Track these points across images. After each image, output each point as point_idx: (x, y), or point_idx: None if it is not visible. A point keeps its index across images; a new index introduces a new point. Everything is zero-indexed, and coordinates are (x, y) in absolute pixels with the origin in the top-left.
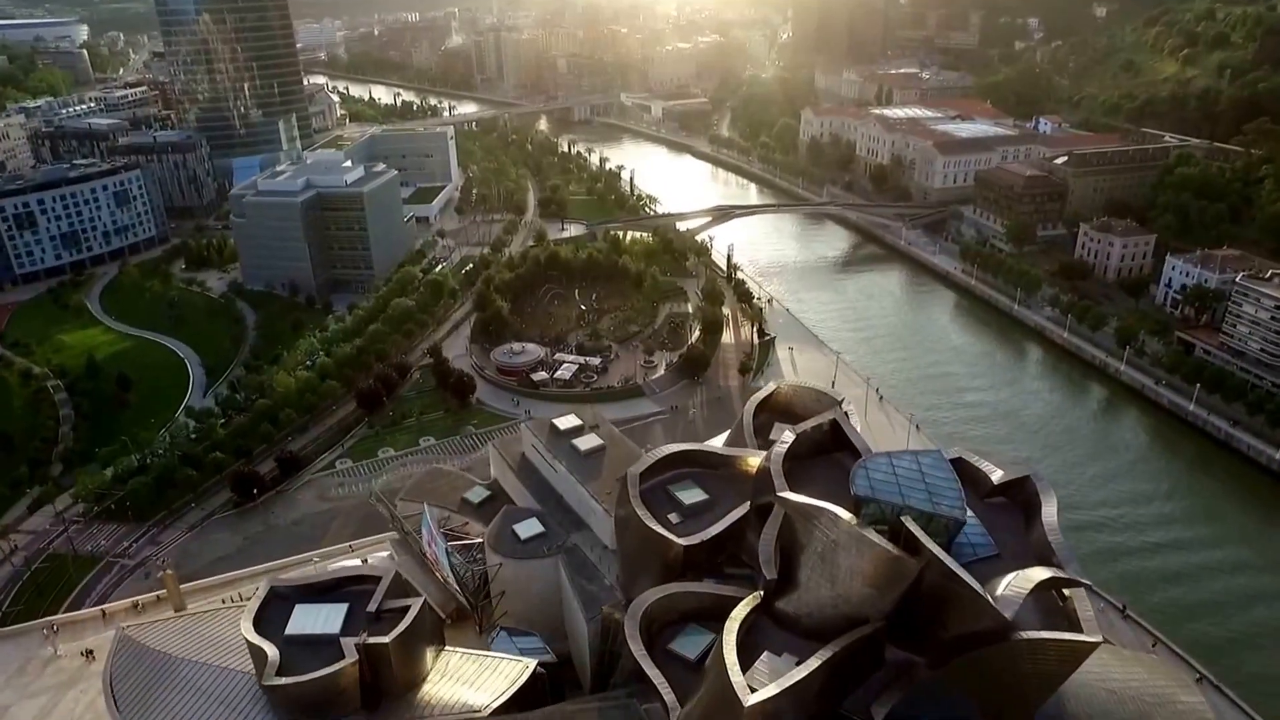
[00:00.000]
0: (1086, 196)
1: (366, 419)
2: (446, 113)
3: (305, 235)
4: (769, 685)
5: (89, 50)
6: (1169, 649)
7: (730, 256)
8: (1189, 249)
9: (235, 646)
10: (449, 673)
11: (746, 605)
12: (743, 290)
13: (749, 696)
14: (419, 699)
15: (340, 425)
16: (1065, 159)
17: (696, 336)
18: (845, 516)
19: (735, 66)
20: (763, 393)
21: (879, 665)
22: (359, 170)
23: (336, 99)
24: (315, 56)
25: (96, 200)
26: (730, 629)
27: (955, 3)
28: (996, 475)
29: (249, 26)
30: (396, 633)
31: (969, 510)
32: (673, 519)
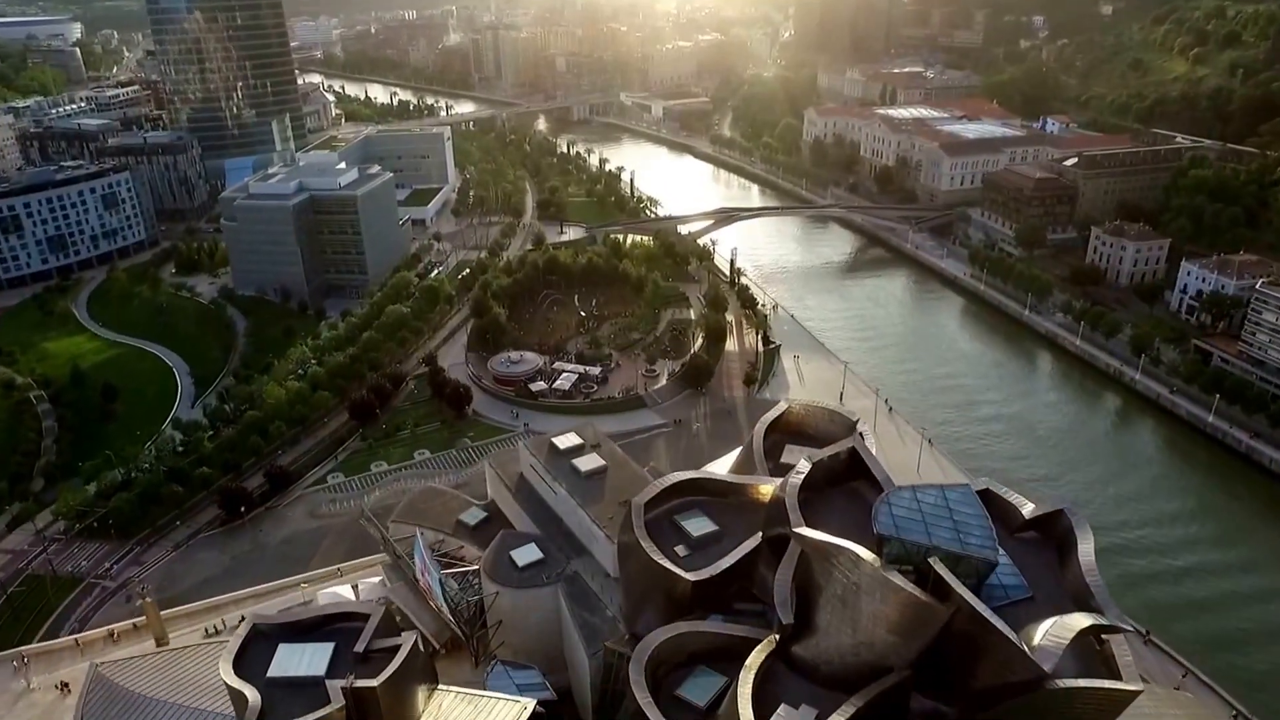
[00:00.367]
0: (1097, 199)
1: (360, 431)
2: (444, 112)
3: (297, 239)
4: None
5: (83, 49)
6: (1199, 680)
7: (733, 261)
8: (1204, 253)
9: (214, 688)
10: (442, 715)
11: (761, 651)
12: (747, 296)
13: None
14: None
15: (332, 437)
16: (1075, 160)
17: (699, 345)
18: (867, 557)
19: (736, 65)
20: (773, 413)
21: (904, 717)
22: (353, 172)
23: (332, 98)
24: (311, 55)
25: (84, 203)
26: (745, 679)
27: (959, 1)
28: (1027, 509)
29: (242, 25)
30: (385, 675)
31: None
32: (679, 551)
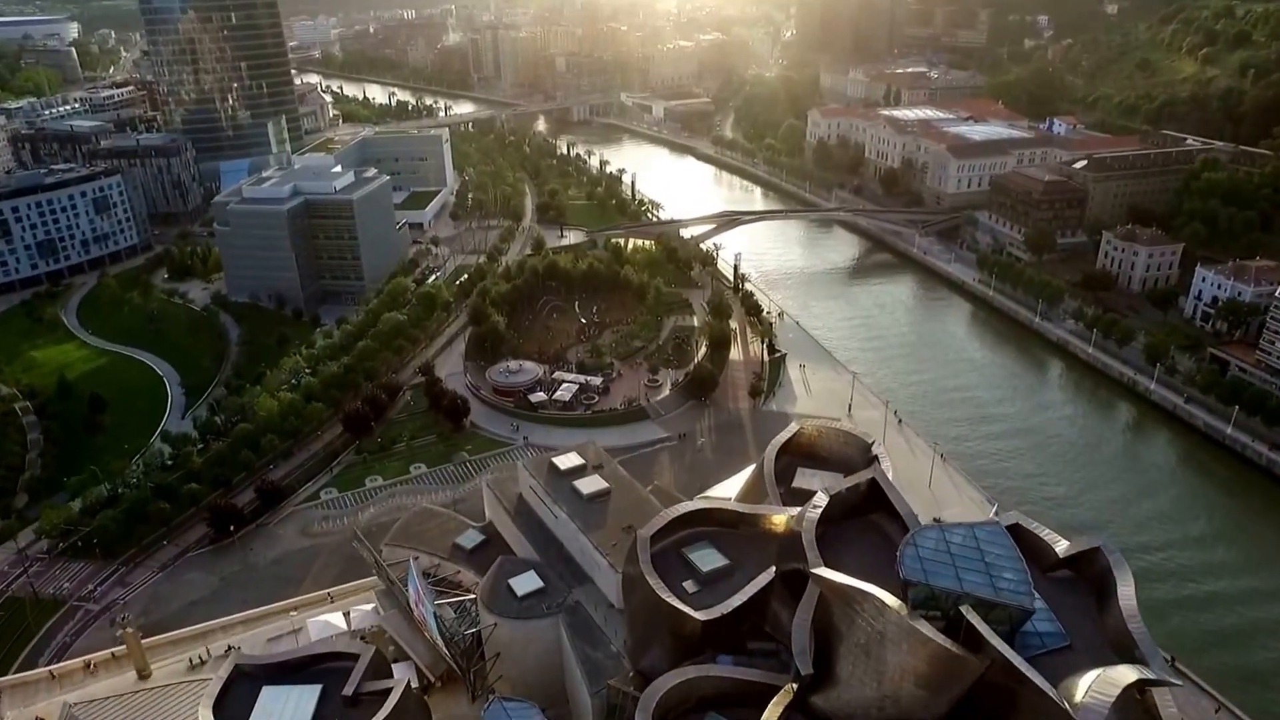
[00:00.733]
0: (1107, 202)
1: (354, 444)
2: (442, 113)
3: (292, 245)
4: None
5: (79, 48)
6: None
7: (737, 266)
8: (1218, 259)
9: None
10: None
11: (779, 703)
12: (751, 303)
13: None
14: None
15: (326, 451)
16: (1084, 163)
17: (703, 353)
18: (893, 604)
19: (738, 65)
20: (785, 434)
21: None
22: (349, 176)
23: (329, 99)
24: (309, 55)
25: (74, 207)
26: None
27: (962, 0)
28: (1061, 546)
29: (237, 25)
30: None
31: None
32: (688, 587)
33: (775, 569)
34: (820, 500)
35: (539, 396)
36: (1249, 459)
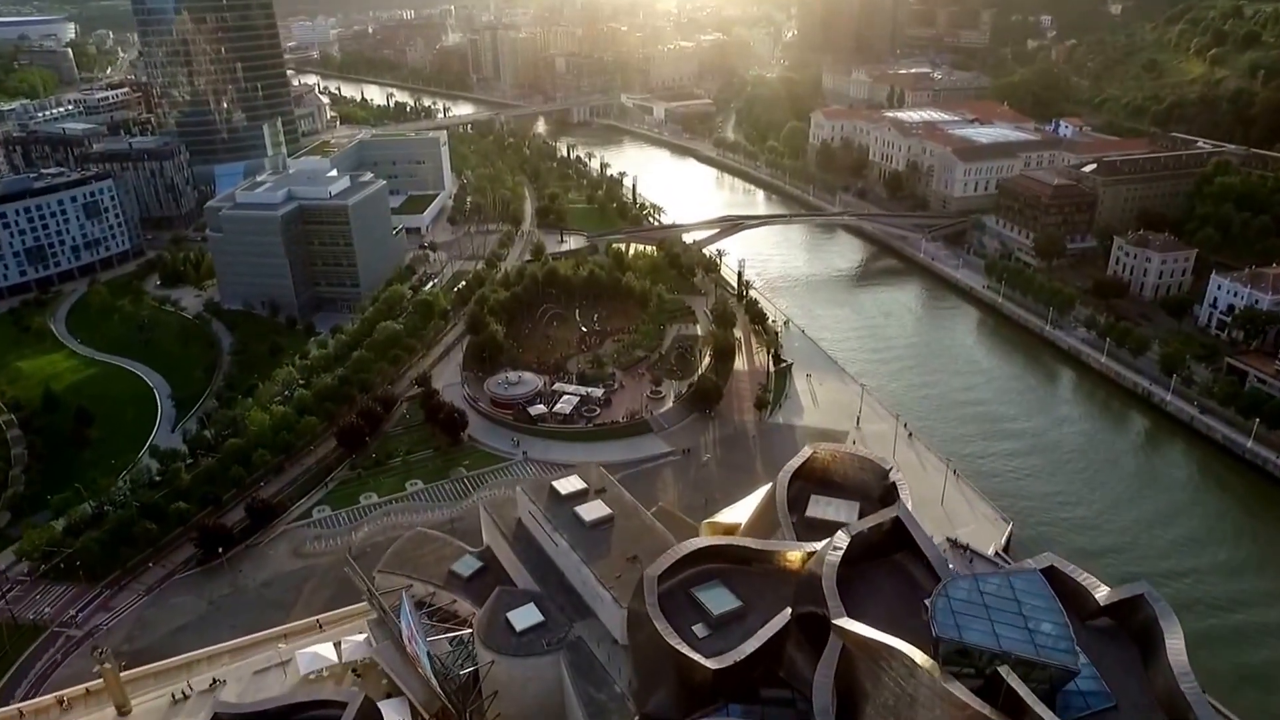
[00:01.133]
0: (1117, 207)
1: (349, 459)
2: (441, 114)
3: (286, 251)
4: None
5: (77, 49)
6: None
7: (741, 273)
8: (1233, 265)
9: None
10: None
11: None
12: (755, 310)
13: None
14: None
15: (319, 466)
16: (1094, 166)
17: (707, 364)
18: (924, 664)
19: (739, 66)
20: (797, 460)
21: None
22: (344, 180)
23: (327, 100)
24: (308, 55)
25: (64, 212)
26: None
27: (965, 0)
28: (1101, 593)
29: (231, 26)
30: None
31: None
32: (698, 631)
33: (791, 611)
34: (841, 541)
35: (539, 409)
36: (1270, 474)
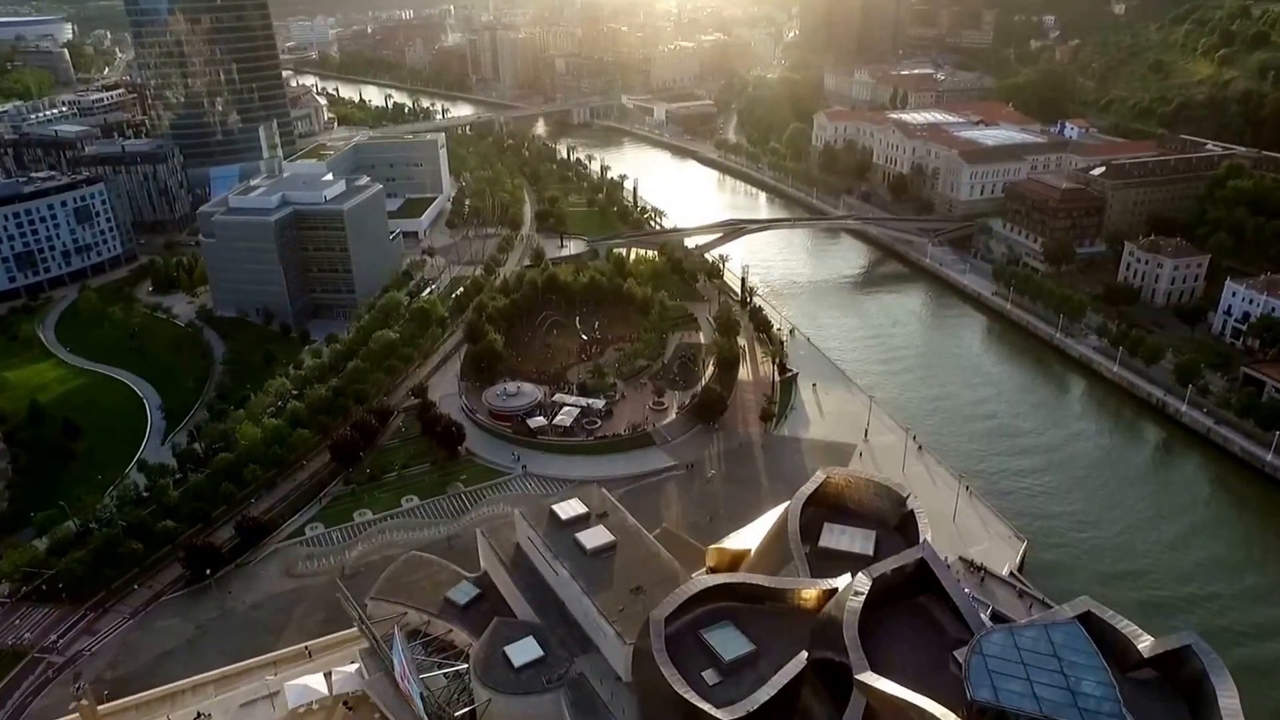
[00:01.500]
0: (1126, 211)
1: (343, 474)
2: (439, 115)
3: (280, 257)
4: None
5: (74, 50)
6: None
7: (745, 279)
8: (1246, 271)
9: None
10: None
11: None
12: (760, 318)
13: None
14: None
15: (312, 481)
16: (1102, 170)
17: (711, 374)
18: None
19: (740, 66)
20: (810, 485)
21: None
22: (339, 185)
23: (324, 102)
24: (306, 56)
25: (55, 217)
26: None
27: (967, 0)
28: (1144, 643)
29: (226, 26)
30: None
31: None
32: (708, 678)
33: (807, 655)
34: (862, 585)
35: (538, 421)
36: None
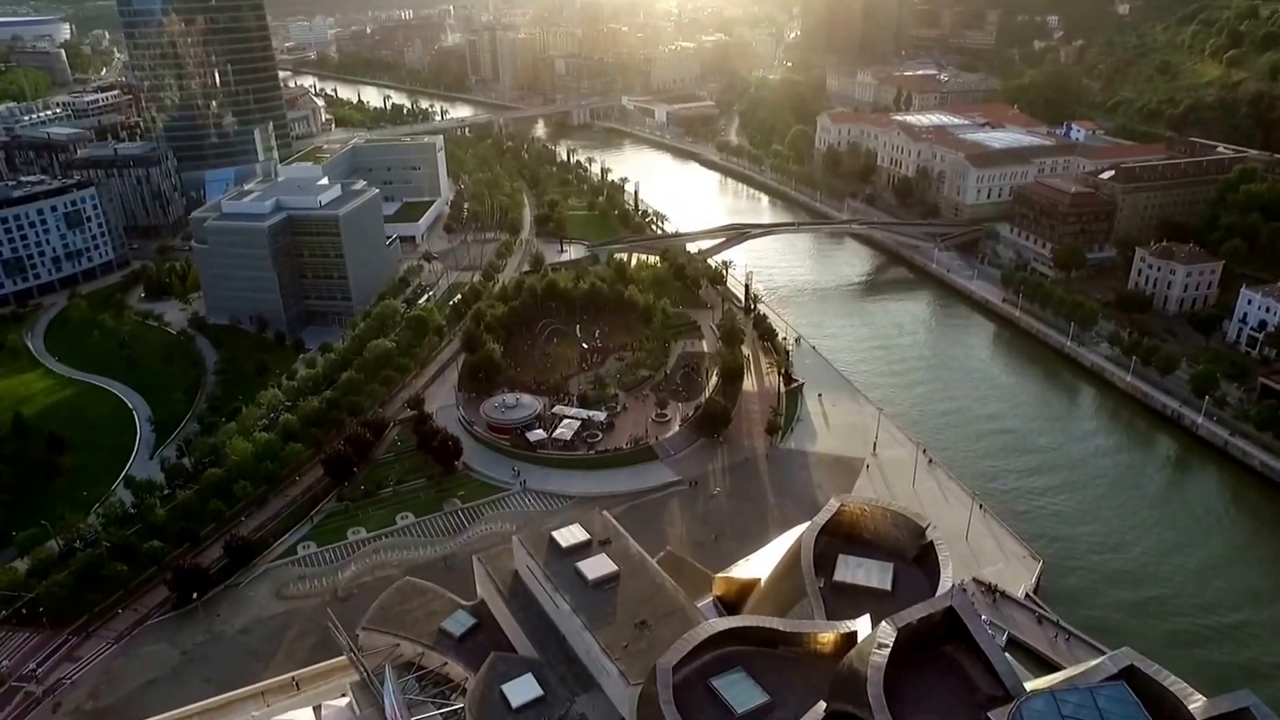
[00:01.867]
0: (1136, 215)
1: (336, 490)
2: (438, 117)
3: (274, 264)
4: None
5: (71, 50)
6: None
7: (749, 286)
8: (1261, 278)
9: None
10: None
11: None
12: (765, 326)
13: None
14: None
15: (305, 498)
16: (1112, 173)
17: (714, 384)
18: None
19: (741, 67)
20: (824, 515)
21: None
22: (335, 189)
23: (322, 103)
24: (305, 56)
25: (44, 222)
26: None
27: (971, 0)
28: (1195, 704)
29: (221, 27)
30: None
31: None
32: None
33: (825, 707)
34: (886, 636)
35: (538, 434)
36: None
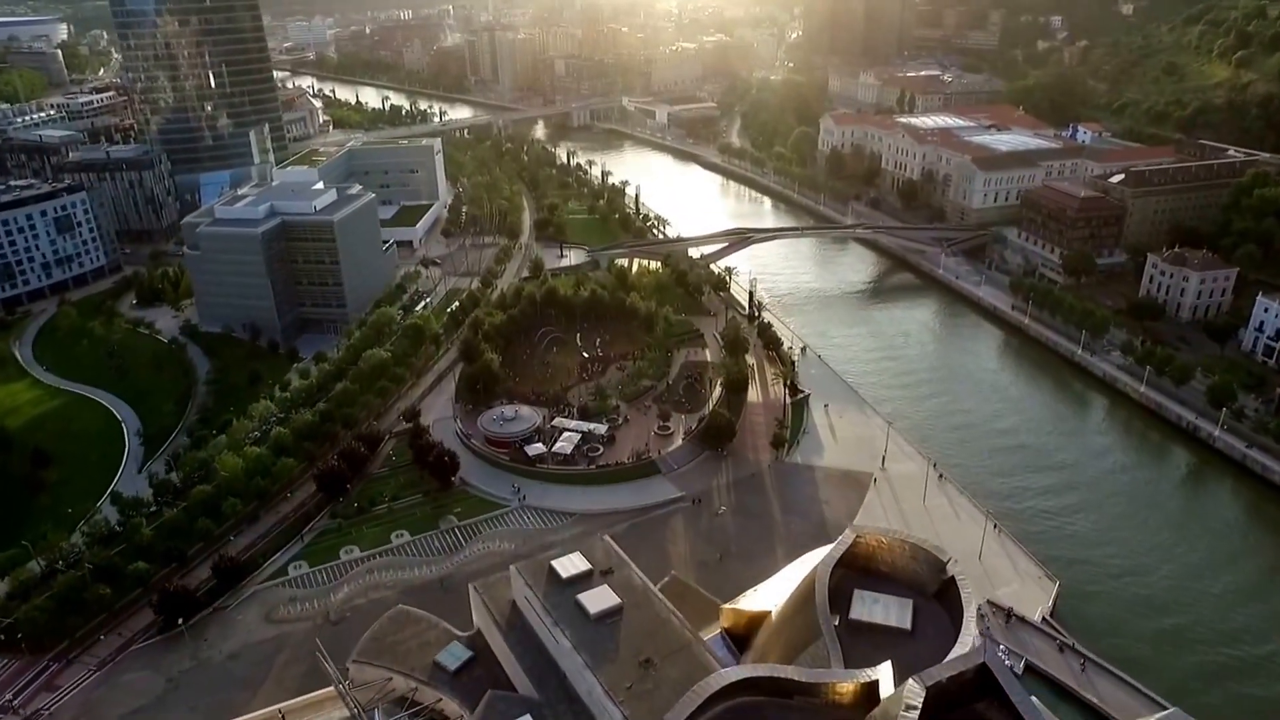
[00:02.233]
0: (1146, 220)
1: (329, 507)
2: (437, 118)
3: (268, 270)
4: None
5: (68, 50)
6: None
7: (753, 293)
8: (1278, 285)
9: None
10: None
11: None
12: (769, 335)
13: None
14: None
15: (297, 515)
16: (1121, 177)
17: (718, 396)
18: None
19: (742, 68)
20: (838, 548)
21: None
22: (331, 193)
23: (319, 104)
24: (304, 56)
25: (34, 227)
26: None
27: (972, 1)
28: None
29: (216, 28)
30: None
31: None
32: None
33: None
34: (914, 697)
35: (537, 448)
36: None
